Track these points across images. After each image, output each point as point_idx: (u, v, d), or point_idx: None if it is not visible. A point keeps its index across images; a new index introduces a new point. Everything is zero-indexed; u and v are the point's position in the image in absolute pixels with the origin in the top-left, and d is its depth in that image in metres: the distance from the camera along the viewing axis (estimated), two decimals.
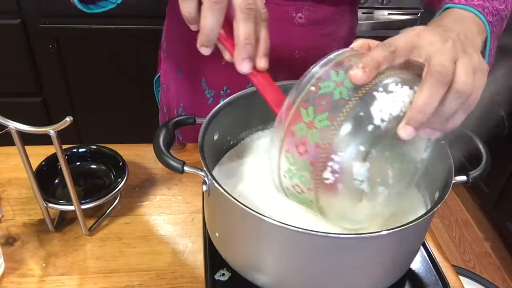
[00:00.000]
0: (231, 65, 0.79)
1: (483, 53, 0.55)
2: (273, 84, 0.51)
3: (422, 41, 0.44)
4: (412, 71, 0.45)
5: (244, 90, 0.66)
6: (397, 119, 0.42)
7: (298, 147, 0.44)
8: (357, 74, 0.42)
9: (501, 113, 1.74)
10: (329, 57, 0.46)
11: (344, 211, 0.47)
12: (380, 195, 0.47)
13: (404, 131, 0.42)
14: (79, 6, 0.66)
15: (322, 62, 0.46)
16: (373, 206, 0.48)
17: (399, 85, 0.43)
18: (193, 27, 0.49)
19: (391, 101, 0.42)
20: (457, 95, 0.43)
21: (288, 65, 0.79)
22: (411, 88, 0.43)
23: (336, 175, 0.43)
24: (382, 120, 0.42)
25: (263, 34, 0.48)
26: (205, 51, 0.49)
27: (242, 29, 0.46)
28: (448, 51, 0.43)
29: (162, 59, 0.92)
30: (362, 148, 0.42)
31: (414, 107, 0.42)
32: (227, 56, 0.51)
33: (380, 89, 0.42)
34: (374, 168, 0.44)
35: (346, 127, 0.42)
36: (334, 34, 0.81)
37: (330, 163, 0.43)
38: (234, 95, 0.65)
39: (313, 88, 0.44)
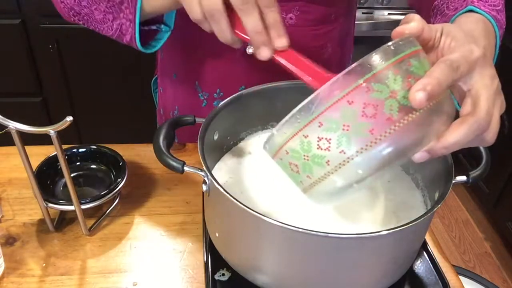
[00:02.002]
0: (223, 68, 0.80)
1: None
2: (301, 60, 0.49)
3: (477, 70, 0.43)
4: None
5: (244, 90, 0.66)
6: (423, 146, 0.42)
7: (320, 140, 0.41)
8: (420, 98, 0.38)
9: None
10: (389, 47, 0.41)
11: (331, 197, 0.46)
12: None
13: (419, 158, 0.42)
14: (142, 49, 0.67)
15: (380, 51, 0.40)
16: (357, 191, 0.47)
17: (444, 111, 0.41)
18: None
19: (435, 131, 0.41)
20: (481, 142, 0.43)
21: (278, 67, 0.78)
22: (451, 115, 0.42)
23: (346, 183, 0.42)
24: (416, 149, 0.42)
25: (270, 17, 0.48)
26: (236, 46, 0.53)
27: (246, 23, 0.48)
28: (494, 92, 0.42)
29: (159, 61, 0.93)
30: (387, 166, 0.41)
31: (443, 143, 0.41)
32: (250, 49, 0.53)
33: (427, 115, 0.40)
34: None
35: (383, 146, 0.40)
36: (328, 35, 0.79)
37: (348, 170, 0.41)
38: (234, 95, 0.65)
39: (364, 85, 0.39)
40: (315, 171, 0.43)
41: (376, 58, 0.40)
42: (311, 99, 0.40)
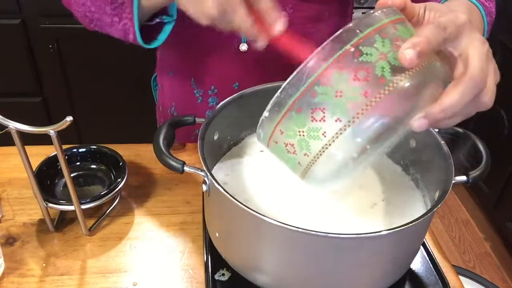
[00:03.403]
0: (217, 65, 0.80)
1: None
2: (298, 43, 0.49)
3: (465, 34, 0.42)
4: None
5: (244, 90, 0.66)
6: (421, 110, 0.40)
7: (314, 111, 0.40)
8: (410, 56, 0.37)
9: (501, 113, 1.74)
10: (373, 15, 0.40)
11: (332, 176, 0.45)
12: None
13: (419, 125, 0.41)
14: (145, 45, 0.66)
15: (365, 20, 0.40)
16: (359, 168, 0.46)
17: (437, 74, 0.40)
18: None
19: (430, 94, 0.40)
20: (479, 104, 0.42)
21: (271, 64, 0.78)
22: (444, 78, 0.41)
23: (346, 155, 0.41)
24: (414, 112, 0.40)
25: (261, 4, 0.48)
26: (261, 42, 0.51)
27: (234, 21, 0.48)
28: (485, 54, 0.42)
29: (158, 58, 0.93)
30: (384, 134, 0.40)
31: (440, 106, 0.40)
32: (243, 46, 0.52)
33: (420, 75, 0.39)
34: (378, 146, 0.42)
35: (379, 110, 0.38)
36: (321, 33, 0.79)
37: (346, 140, 0.40)
38: (234, 95, 0.65)
39: (352, 50, 0.38)
40: (313, 146, 0.41)
41: (362, 24, 0.39)
42: (300, 70, 0.40)
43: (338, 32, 0.39)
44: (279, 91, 0.41)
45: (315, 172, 0.44)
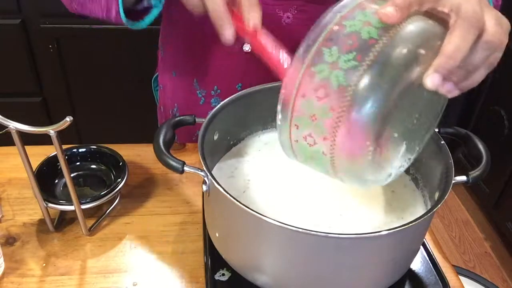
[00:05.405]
0: (220, 65, 0.80)
1: None
2: (270, 43, 0.49)
3: None
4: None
5: (244, 90, 0.66)
6: (426, 66, 0.40)
7: (317, 90, 0.40)
8: (389, 12, 0.39)
9: (501, 113, 1.74)
10: None
11: (360, 168, 0.43)
12: (400, 147, 0.45)
13: (432, 80, 0.40)
14: (129, 24, 0.65)
15: (342, 3, 0.42)
16: (392, 162, 0.45)
17: (429, 28, 0.41)
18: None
19: (424, 44, 0.40)
20: (486, 45, 0.41)
21: None
22: (441, 33, 0.41)
23: (360, 122, 0.40)
24: (414, 64, 0.40)
25: None
26: (228, 34, 0.49)
27: (207, 7, 0.48)
28: (476, 1, 0.41)
29: (160, 58, 0.93)
30: (392, 95, 0.39)
31: (445, 52, 0.39)
32: (247, 47, 0.51)
33: (411, 28, 0.40)
34: (398, 117, 0.42)
35: (377, 68, 0.39)
36: None
37: (354, 108, 0.39)
38: (234, 95, 0.65)
39: (336, 28, 0.40)
40: (327, 124, 0.41)
41: (338, 8, 0.42)
42: (292, 64, 0.42)
43: (317, 21, 0.42)
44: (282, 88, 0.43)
45: (342, 156, 0.42)
